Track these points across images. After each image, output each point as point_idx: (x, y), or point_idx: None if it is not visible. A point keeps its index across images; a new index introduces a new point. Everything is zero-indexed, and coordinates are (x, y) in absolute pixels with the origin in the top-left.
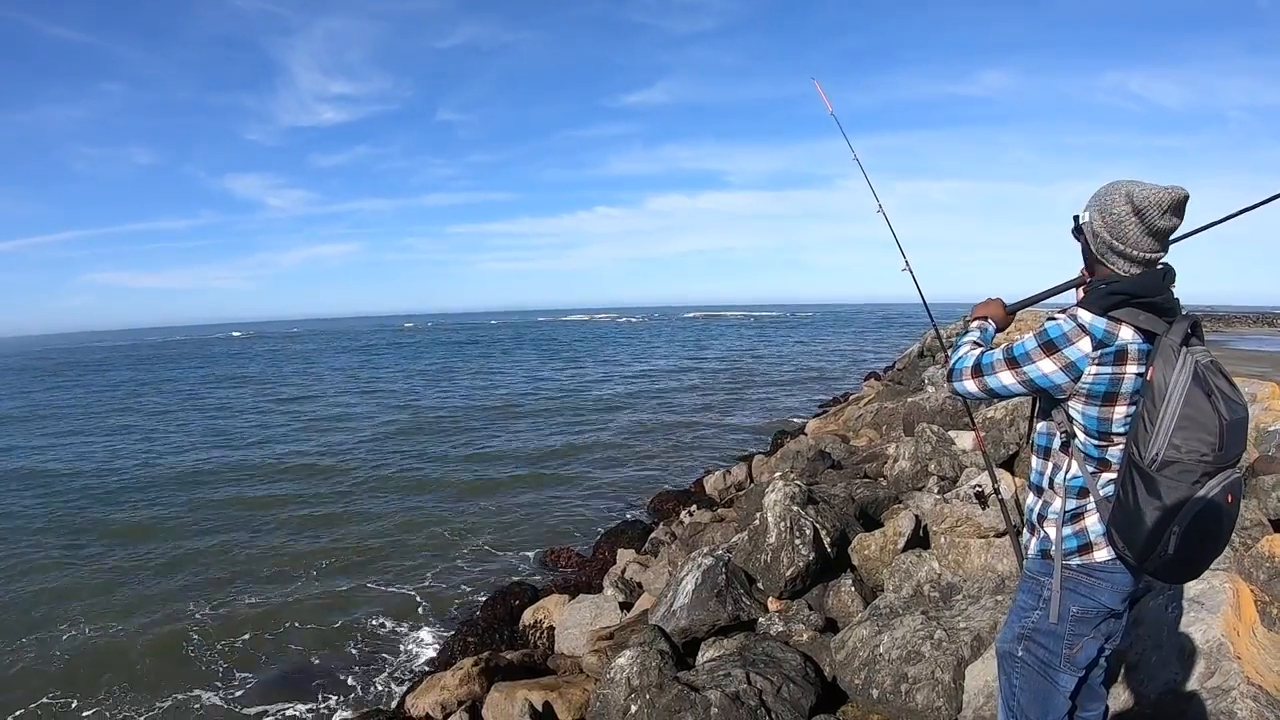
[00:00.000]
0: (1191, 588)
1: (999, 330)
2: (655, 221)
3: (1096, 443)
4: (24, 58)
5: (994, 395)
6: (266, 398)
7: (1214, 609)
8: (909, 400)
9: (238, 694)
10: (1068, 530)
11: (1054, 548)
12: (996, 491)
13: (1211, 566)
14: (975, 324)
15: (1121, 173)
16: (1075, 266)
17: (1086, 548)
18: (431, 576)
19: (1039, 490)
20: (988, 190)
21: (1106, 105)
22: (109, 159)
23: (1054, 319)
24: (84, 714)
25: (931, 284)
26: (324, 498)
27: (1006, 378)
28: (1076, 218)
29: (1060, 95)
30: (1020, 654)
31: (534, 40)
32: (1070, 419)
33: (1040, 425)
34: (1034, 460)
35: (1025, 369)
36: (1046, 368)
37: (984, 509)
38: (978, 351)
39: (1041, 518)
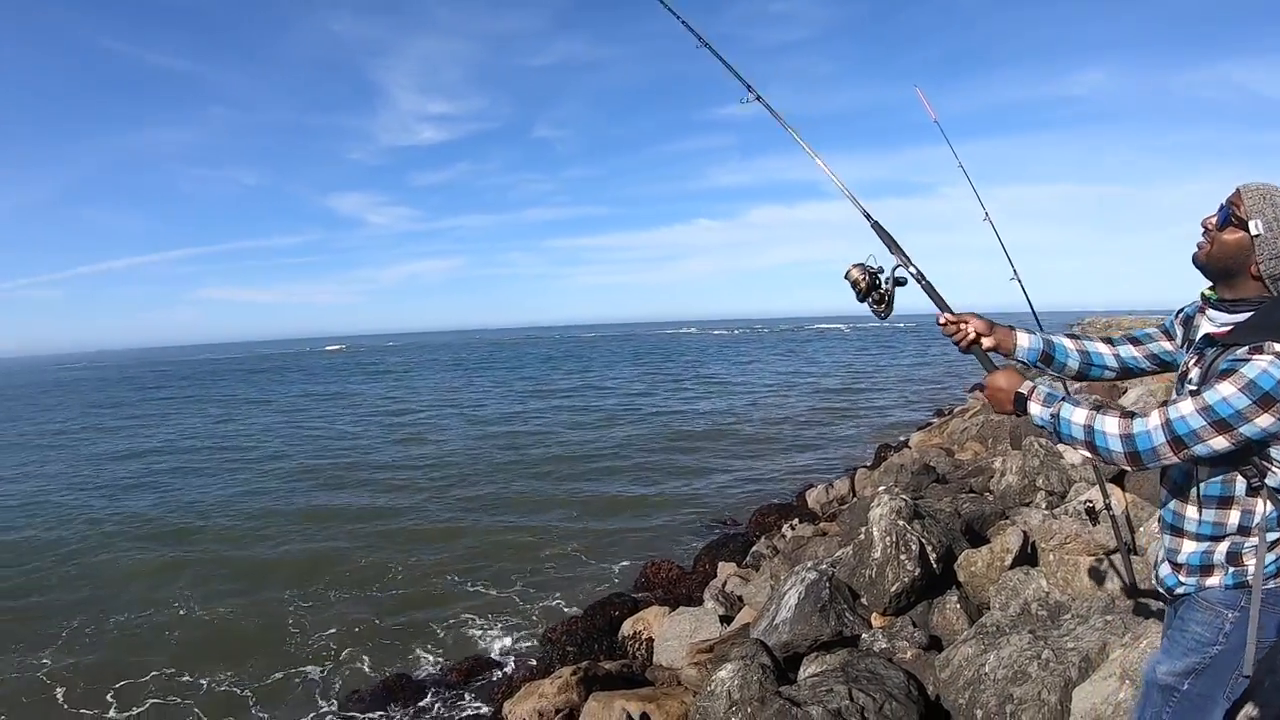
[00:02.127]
0: None
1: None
2: (755, 233)
3: None
4: (132, 86)
5: (1197, 462)
6: (362, 411)
7: None
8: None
9: (336, 695)
10: (1270, 557)
11: (1253, 578)
12: (1108, 507)
13: None
14: (1040, 393)
15: (1235, 171)
16: (1178, 270)
17: None
18: (531, 587)
19: (1215, 538)
20: (1089, 194)
21: (1209, 100)
22: (216, 179)
23: (1254, 363)
24: (198, 689)
25: (1038, 291)
26: (420, 510)
27: (1219, 443)
28: (1229, 211)
29: (1161, 92)
30: (1185, 688)
31: (625, 56)
32: (1270, 460)
33: (1213, 473)
34: (1200, 510)
35: (1241, 429)
36: (1265, 422)
37: (1094, 525)
38: (1153, 421)
39: (1234, 555)
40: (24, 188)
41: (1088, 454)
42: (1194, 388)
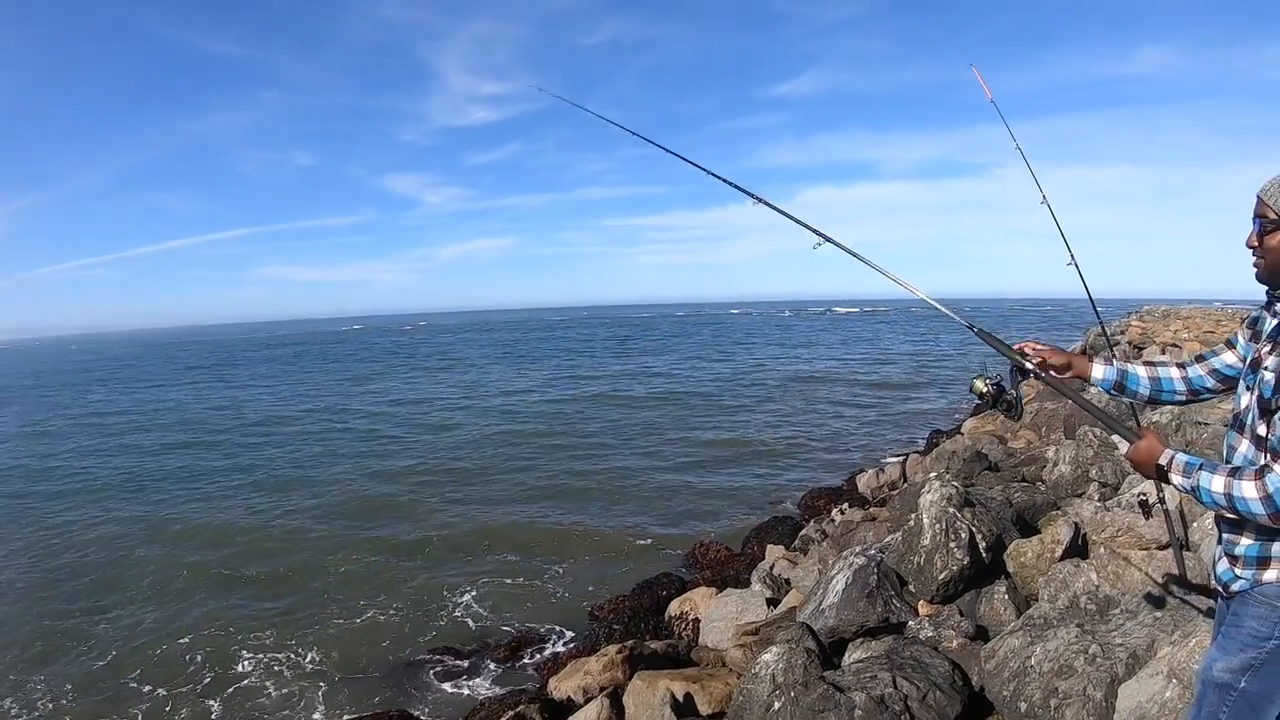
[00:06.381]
0: None
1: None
2: (808, 214)
3: None
4: (191, 72)
5: None
6: (390, 397)
7: None
8: (1070, 401)
9: (381, 665)
10: None
11: None
12: (1161, 501)
13: None
14: (1179, 463)
15: None
16: (1245, 255)
17: None
18: (578, 565)
19: (1275, 533)
20: (1152, 176)
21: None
22: (273, 161)
23: None
24: (241, 651)
25: (1096, 278)
26: (466, 487)
27: None
28: (1261, 221)
29: (1228, 72)
30: (1243, 685)
31: (678, 34)
32: None
33: None
34: None
35: None
36: None
37: (1147, 519)
38: None
39: None
40: (84, 172)
41: (1233, 517)
42: (1272, 373)
